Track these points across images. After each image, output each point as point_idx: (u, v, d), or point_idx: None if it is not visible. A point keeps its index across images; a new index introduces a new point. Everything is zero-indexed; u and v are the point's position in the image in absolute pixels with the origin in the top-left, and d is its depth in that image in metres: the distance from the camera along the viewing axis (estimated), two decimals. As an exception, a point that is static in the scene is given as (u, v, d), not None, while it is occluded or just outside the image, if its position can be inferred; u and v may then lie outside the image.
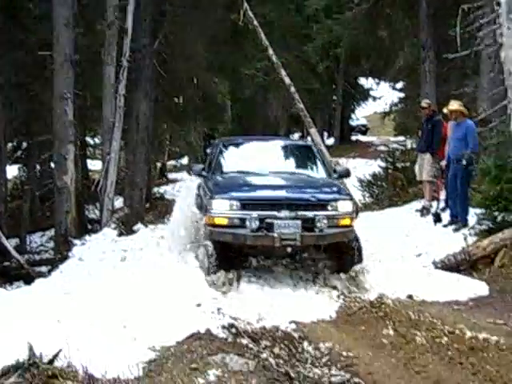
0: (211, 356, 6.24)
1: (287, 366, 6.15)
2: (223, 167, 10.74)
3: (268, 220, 8.82)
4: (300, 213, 8.92)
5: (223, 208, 9.05)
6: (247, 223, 8.82)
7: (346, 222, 9.18)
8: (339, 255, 9.44)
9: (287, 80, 17.30)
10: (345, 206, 9.22)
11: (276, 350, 6.61)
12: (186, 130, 21.49)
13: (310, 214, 8.94)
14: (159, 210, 16.33)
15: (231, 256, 9.27)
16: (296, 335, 7.12)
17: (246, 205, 8.99)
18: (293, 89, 17.18)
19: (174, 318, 7.23)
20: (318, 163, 10.98)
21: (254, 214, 8.83)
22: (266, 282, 9.06)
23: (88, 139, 21.25)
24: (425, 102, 13.98)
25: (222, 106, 21.97)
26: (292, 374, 5.85)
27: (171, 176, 25.16)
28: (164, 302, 7.67)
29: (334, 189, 9.80)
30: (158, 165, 25.12)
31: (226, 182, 10.00)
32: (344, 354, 6.46)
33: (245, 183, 9.90)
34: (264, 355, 6.41)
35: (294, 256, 9.63)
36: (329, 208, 9.10)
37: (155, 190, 18.97)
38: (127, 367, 5.73)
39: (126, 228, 13.00)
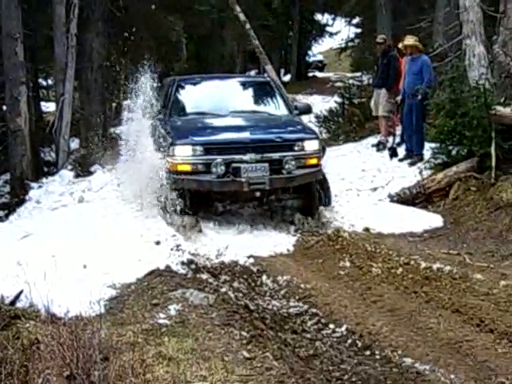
0: (171, 292, 6.32)
1: (246, 298, 6.27)
2: (181, 108, 10.24)
3: (234, 164, 8.50)
4: (266, 155, 8.61)
5: (186, 154, 8.68)
6: (212, 169, 8.47)
7: (314, 161, 8.94)
8: (308, 197, 9.21)
9: (242, 16, 17.09)
10: (312, 145, 8.97)
11: (235, 284, 6.74)
12: (141, 68, 21.09)
13: (276, 155, 8.67)
14: (116, 150, 16.10)
15: (196, 202, 8.88)
16: (254, 269, 7.26)
17: (210, 149, 8.63)
18: (248, 25, 16.99)
19: (134, 255, 7.27)
20: (279, 99, 10.55)
21: (219, 158, 8.49)
22: (224, 220, 9.10)
23: (41, 80, 20.73)
24: (380, 38, 13.96)
25: (177, 45, 21.55)
26: (251, 307, 5.97)
27: (127, 116, 24.65)
28: (123, 240, 7.69)
29: (299, 127, 9.59)
30: (113, 105, 24.67)
31: (187, 126, 9.59)
32: (302, 286, 6.61)
33: (206, 126, 9.54)
34: (223, 289, 6.52)
35: (262, 199, 9.16)
36: (295, 148, 8.81)
37: (111, 130, 18.59)
38: (88, 305, 5.79)
39: (82, 169, 12.84)
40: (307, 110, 10.60)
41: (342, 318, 5.70)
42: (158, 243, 7.79)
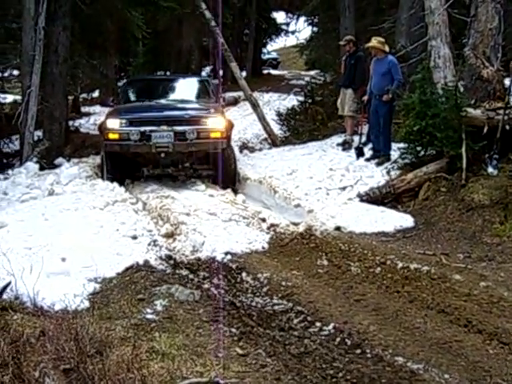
0: (155, 287, 6.29)
1: (230, 295, 6.26)
2: (128, 97, 13.19)
3: (147, 133, 10.88)
4: (176, 128, 10.96)
5: (115, 125, 11.08)
6: (131, 136, 10.86)
7: (216, 135, 11.16)
8: (216, 165, 11.09)
9: (208, 14, 16.97)
10: (215, 122, 11.25)
11: (215, 281, 6.71)
12: (101, 62, 20.85)
13: (182, 128, 10.97)
14: (76, 143, 15.99)
15: (123, 164, 11.26)
16: (233, 266, 7.23)
17: (133, 122, 11.07)
18: (213, 23, 16.87)
19: (111, 250, 7.24)
20: (207, 93, 13.18)
21: (137, 129, 10.89)
22: (195, 214, 9.00)
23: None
24: (343, 40, 14.05)
25: (137, 39, 21.29)
26: (237, 304, 5.96)
27: (84, 109, 24.47)
28: (99, 234, 7.63)
29: (208, 110, 11.81)
30: (70, 98, 24.32)
31: (122, 108, 12.10)
32: (283, 283, 6.59)
33: (136, 107, 12.19)
34: (206, 286, 6.52)
35: (177, 165, 11.40)
36: (200, 123, 11.16)
37: (70, 123, 18.39)
38: (72, 299, 5.71)
39: (47, 162, 12.67)
40: (233, 101, 13.98)
41: (327, 316, 5.69)
42: (134, 238, 7.76)
